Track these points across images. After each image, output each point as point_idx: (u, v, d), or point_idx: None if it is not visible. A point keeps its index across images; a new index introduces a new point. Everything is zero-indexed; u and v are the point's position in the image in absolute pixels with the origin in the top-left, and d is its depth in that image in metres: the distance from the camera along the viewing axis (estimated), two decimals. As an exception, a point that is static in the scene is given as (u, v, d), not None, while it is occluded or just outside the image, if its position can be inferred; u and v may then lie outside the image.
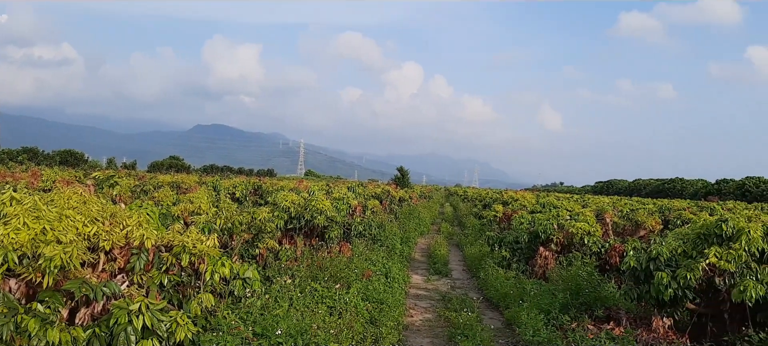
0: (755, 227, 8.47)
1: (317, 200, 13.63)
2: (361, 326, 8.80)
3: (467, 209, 40.31)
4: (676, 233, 9.65)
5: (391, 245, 17.58)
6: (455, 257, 20.64)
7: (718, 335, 8.87)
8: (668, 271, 8.69)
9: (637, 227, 16.55)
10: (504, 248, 16.00)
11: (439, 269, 17.21)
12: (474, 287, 15.16)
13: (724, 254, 8.36)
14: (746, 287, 7.74)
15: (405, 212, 28.70)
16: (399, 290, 12.49)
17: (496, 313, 12.20)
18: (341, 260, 12.01)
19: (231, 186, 21.73)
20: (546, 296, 11.45)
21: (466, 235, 25.05)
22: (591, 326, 9.75)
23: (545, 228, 14.63)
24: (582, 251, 13.79)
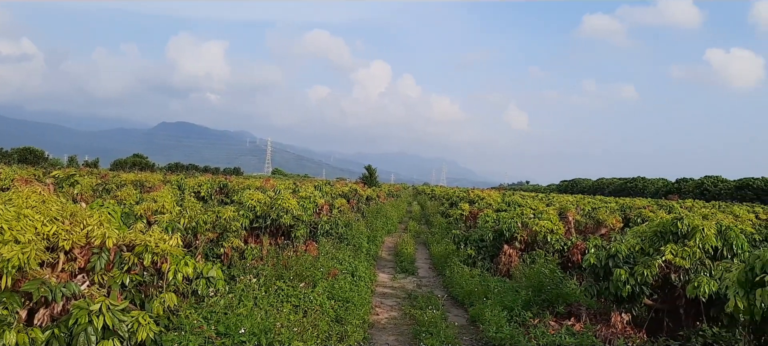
0: (709, 225, 8.77)
1: (283, 199, 13.60)
2: (326, 324, 8.83)
3: (434, 207, 40.55)
4: (635, 231, 9.92)
5: (357, 243, 17.62)
6: (422, 256, 20.77)
7: (674, 329, 9.14)
8: (626, 268, 8.94)
9: (598, 225, 16.91)
10: (469, 246, 16.19)
11: (406, 267, 17.30)
12: (440, 285, 15.29)
13: (679, 251, 8.64)
14: (700, 283, 7.99)
15: (372, 211, 28.77)
16: (365, 289, 12.54)
17: (461, 310, 12.34)
18: (307, 258, 12.01)
19: (196, 185, 21.52)
20: (509, 293, 11.64)
21: (433, 233, 25.22)
22: (553, 322, 9.96)
23: (510, 226, 14.86)
24: (545, 248, 14.05)
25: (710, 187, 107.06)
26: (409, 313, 11.45)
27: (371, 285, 13.76)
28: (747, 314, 5.35)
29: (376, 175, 51.78)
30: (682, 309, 9.14)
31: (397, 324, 10.86)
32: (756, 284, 5.30)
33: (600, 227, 16.73)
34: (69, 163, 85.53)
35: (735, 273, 5.65)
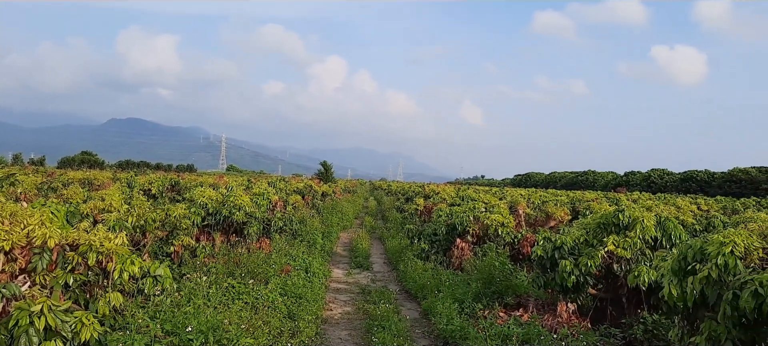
0: (649, 217, 9.11)
1: (236, 196, 13.48)
2: (278, 320, 8.82)
3: (390, 202, 40.76)
4: (580, 223, 10.23)
5: (312, 239, 17.60)
6: (377, 251, 20.89)
7: (617, 317, 9.48)
8: (571, 259, 9.21)
9: (547, 218, 17.32)
10: (423, 240, 16.38)
11: (361, 262, 17.38)
12: (394, 279, 15.43)
13: (621, 242, 8.96)
14: (640, 272, 8.30)
15: (328, 207, 28.73)
16: (319, 285, 12.56)
17: (414, 304, 12.49)
18: (260, 255, 11.95)
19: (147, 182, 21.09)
20: (461, 285, 11.84)
21: (388, 228, 25.37)
22: (502, 313, 10.19)
23: (462, 220, 15.09)
24: (496, 241, 14.32)
25: (657, 179, 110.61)
26: (363, 308, 11.53)
27: (325, 281, 13.79)
28: (680, 301, 5.59)
29: (332, 171, 51.71)
30: (625, 298, 9.49)
31: (351, 319, 10.93)
32: (688, 272, 5.55)
33: (549, 220, 17.14)
34: (13, 161, 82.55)
35: (669, 262, 5.91)
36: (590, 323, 9.44)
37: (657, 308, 8.78)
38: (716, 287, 5.20)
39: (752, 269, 5.06)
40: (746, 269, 5.07)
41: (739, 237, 5.27)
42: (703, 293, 5.31)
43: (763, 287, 4.48)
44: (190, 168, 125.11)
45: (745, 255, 5.24)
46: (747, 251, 5.25)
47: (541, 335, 8.15)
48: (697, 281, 5.32)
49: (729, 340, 5.02)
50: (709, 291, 5.25)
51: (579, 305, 9.94)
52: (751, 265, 5.14)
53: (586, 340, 8.00)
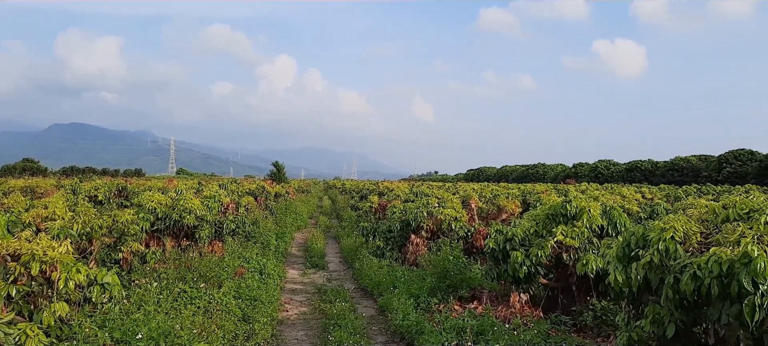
0: (595, 206, 9.38)
1: (185, 200, 13.24)
2: (232, 324, 8.71)
3: (345, 201, 40.70)
4: (530, 215, 10.45)
5: (266, 241, 17.44)
6: (332, 250, 20.85)
7: (568, 305, 9.73)
8: (522, 250, 9.40)
9: (499, 211, 17.60)
10: (378, 237, 16.42)
11: (316, 262, 17.32)
12: (350, 277, 15.43)
13: (569, 231, 9.20)
14: (588, 260, 8.53)
15: (281, 208, 28.49)
16: (274, 286, 12.46)
17: (371, 301, 12.52)
18: (212, 259, 11.77)
19: (92, 188, 20.50)
20: (416, 281, 11.94)
21: (343, 227, 25.34)
22: (457, 306, 10.32)
23: (416, 216, 15.20)
24: (450, 236, 14.49)
25: (603, 170, 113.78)
26: (319, 307, 11.50)
27: (280, 282, 13.69)
28: (625, 286, 5.78)
29: (284, 171, 51.30)
30: (575, 286, 9.74)
31: (307, 319, 10.89)
32: (632, 259, 5.75)
33: (501, 213, 17.43)
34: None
35: (614, 249, 6.10)
36: (542, 311, 9.66)
37: (605, 294, 9.05)
38: (658, 271, 5.39)
39: (691, 252, 5.28)
40: (686, 253, 5.28)
41: (678, 223, 5.48)
42: (647, 278, 5.50)
43: (701, 270, 4.68)
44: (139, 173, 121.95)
45: (684, 240, 5.45)
46: (686, 236, 5.47)
47: (494, 326, 8.30)
48: (640, 266, 5.50)
49: (672, 322, 5.22)
50: (651, 276, 5.45)
51: (531, 294, 10.17)
52: (690, 249, 5.35)
53: (538, 328, 8.18)
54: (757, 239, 4.76)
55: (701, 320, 5.21)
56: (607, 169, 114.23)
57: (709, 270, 4.62)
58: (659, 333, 5.33)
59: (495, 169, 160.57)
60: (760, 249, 4.48)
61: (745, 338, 4.59)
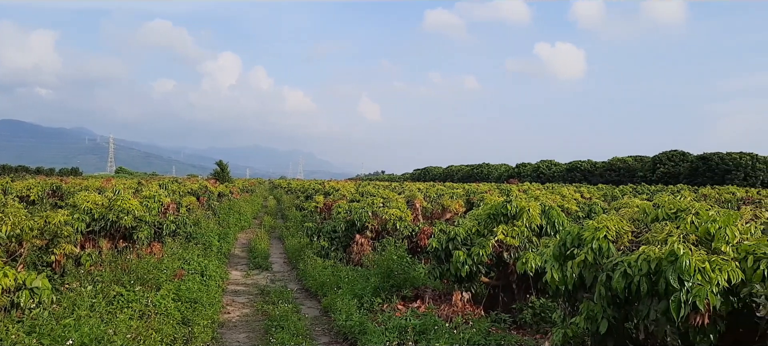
0: (534, 206, 9.60)
1: (123, 200, 12.83)
2: (171, 327, 8.49)
3: (290, 201, 40.34)
4: (472, 215, 10.60)
5: (208, 242, 17.10)
6: (277, 250, 20.62)
7: (509, 303, 9.92)
8: (464, 249, 9.53)
9: (443, 211, 17.81)
10: (323, 237, 16.34)
11: (260, 263, 17.09)
12: (294, 278, 15.30)
13: (509, 231, 9.38)
14: (528, 259, 8.71)
15: (225, 208, 28.01)
16: (216, 288, 12.24)
17: (315, 302, 12.45)
18: (150, 261, 11.44)
19: (24, 188, 19.67)
20: (360, 281, 11.94)
21: (288, 227, 25.10)
22: (400, 305, 10.38)
23: (361, 216, 15.21)
24: (395, 235, 14.57)
25: (545, 170, 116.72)
26: (262, 308, 11.35)
27: (222, 283, 13.44)
28: (562, 284, 5.93)
29: (228, 170, 50.45)
30: (515, 284, 9.94)
31: (249, 321, 10.73)
32: (567, 257, 5.89)
33: (445, 212, 17.63)
34: None
35: (551, 248, 6.25)
36: (483, 310, 9.81)
37: (544, 292, 9.26)
38: (592, 269, 5.55)
39: (623, 251, 5.45)
40: (618, 252, 5.45)
41: (611, 222, 5.65)
42: (582, 276, 5.65)
43: (631, 268, 4.84)
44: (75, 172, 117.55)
45: (616, 239, 5.63)
46: (618, 235, 5.65)
47: (436, 325, 8.38)
48: (575, 265, 5.65)
49: (605, 318, 5.37)
50: (586, 274, 5.60)
51: (473, 293, 10.31)
52: (622, 248, 5.53)
53: (478, 326, 8.30)
54: (683, 238, 4.96)
55: (632, 317, 5.38)
56: (548, 169, 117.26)
57: (638, 268, 4.78)
58: (593, 329, 5.48)
59: (441, 169, 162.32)
60: (686, 247, 4.66)
61: (671, 333, 4.77)
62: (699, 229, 5.08)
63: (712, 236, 4.96)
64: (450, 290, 10.59)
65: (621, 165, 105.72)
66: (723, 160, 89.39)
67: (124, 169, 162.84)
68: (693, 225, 5.15)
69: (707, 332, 4.65)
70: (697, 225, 5.13)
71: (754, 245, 4.77)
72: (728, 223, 4.97)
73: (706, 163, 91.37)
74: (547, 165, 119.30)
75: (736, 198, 23.07)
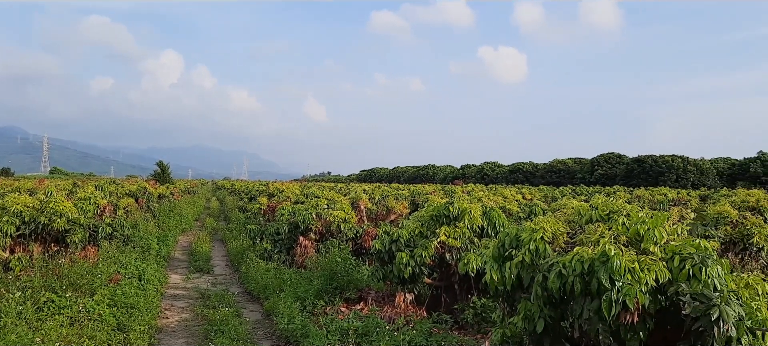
0: (476, 208, 9.74)
1: (56, 202, 12.34)
2: (105, 334, 8.21)
3: (233, 202, 39.69)
4: (415, 216, 10.67)
5: (146, 245, 16.61)
6: (219, 253, 20.24)
7: (451, 303, 10.03)
8: (408, 251, 9.58)
9: (388, 212, 17.88)
10: (266, 240, 16.13)
11: (201, 266, 16.74)
12: (236, 281, 15.05)
13: (451, 232, 9.49)
14: (469, 260, 8.82)
15: (165, 210, 27.30)
16: (154, 292, 11.90)
17: (257, 305, 12.27)
18: (84, 265, 11.03)
19: (-53, 190, 18.66)
20: (304, 283, 11.84)
21: (230, 229, 24.66)
22: (343, 308, 10.35)
23: (305, 218, 15.09)
24: (339, 237, 14.53)
25: (489, 172, 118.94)
26: (202, 313, 11.12)
27: (161, 288, 13.09)
28: (500, 285, 6.03)
29: (169, 171, 49.25)
30: (457, 285, 10.06)
31: (188, 326, 10.49)
32: (506, 258, 6.00)
33: (390, 214, 17.71)
34: None
35: (491, 249, 6.35)
36: (426, 310, 9.89)
37: (485, 292, 9.40)
38: (529, 270, 5.67)
39: (558, 252, 5.60)
40: (554, 253, 5.59)
41: (547, 224, 5.79)
42: (519, 277, 5.76)
43: (566, 268, 4.97)
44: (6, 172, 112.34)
45: (552, 240, 5.77)
46: (554, 236, 5.79)
47: (378, 327, 8.40)
48: (513, 265, 5.75)
49: (541, 318, 5.50)
50: (523, 274, 5.71)
51: (416, 294, 10.39)
52: (558, 248, 5.68)
53: (420, 327, 8.37)
54: (614, 239, 5.13)
55: (567, 316, 5.53)
56: (492, 170, 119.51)
57: (572, 269, 4.92)
58: (530, 329, 5.60)
59: (387, 170, 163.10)
60: (617, 248, 4.83)
61: (603, 331, 4.92)
62: (629, 230, 5.27)
63: (641, 237, 5.15)
64: (393, 292, 10.63)
65: (561, 167, 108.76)
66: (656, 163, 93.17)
67: (59, 170, 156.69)
68: (624, 226, 5.34)
69: (637, 329, 4.82)
70: (628, 226, 5.32)
71: (680, 246, 4.97)
72: (656, 224, 5.17)
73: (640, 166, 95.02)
74: (491, 166, 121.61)
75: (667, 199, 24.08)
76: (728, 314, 4.36)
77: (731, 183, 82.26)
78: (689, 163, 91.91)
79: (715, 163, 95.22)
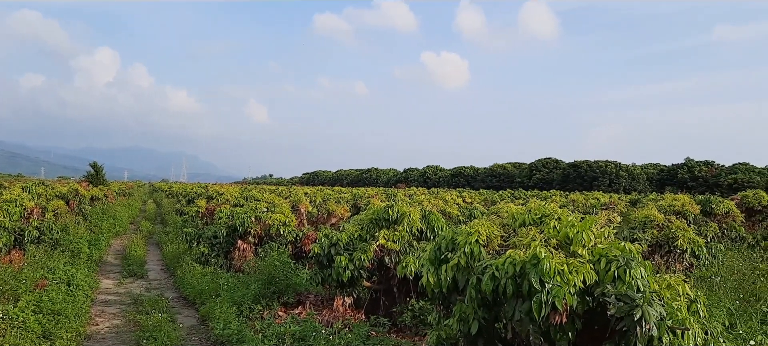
0: (415, 211, 9.82)
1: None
2: (29, 342, 7.86)
3: (171, 205, 38.69)
4: (355, 220, 10.66)
5: (77, 249, 15.98)
6: (154, 257, 19.68)
7: (390, 306, 10.08)
8: (347, 254, 9.57)
9: (329, 215, 17.81)
10: (203, 243, 15.79)
11: (135, 270, 16.23)
12: (171, 286, 14.65)
13: (390, 235, 9.53)
14: (408, 263, 8.91)
15: (97, 212, 26.33)
16: (83, 298, 11.46)
17: (193, 310, 11.99)
18: (7, 270, 10.52)
19: None
20: (241, 287, 11.65)
21: (167, 233, 24.02)
22: (281, 312, 10.24)
23: (243, 221, 14.86)
24: (279, 241, 14.37)
25: (431, 175, 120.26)
26: (134, 319, 10.76)
27: (92, 293, 12.61)
28: (437, 287, 6.08)
29: (103, 172, 47.56)
30: (396, 288, 10.10)
31: (119, 332, 10.14)
32: (442, 261, 6.07)
33: (331, 217, 17.64)
34: None
35: (428, 252, 6.41)
36: (365, 314, 9.90)
37: (424, 295, 9.49)
38: (465, 273, 5.74)
39: (492, 254, 5.70)
40: (488, 255, 5.69)
41: (482, 227, 5.89)
42: (455, 279, 5.83)
43: (499, 271, 5.07)
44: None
45: (487, 243, 5.87)
46: (489, 239, 5.90)
47: (315, 331, 8.34)
48: (449, 268, 5.82)
49: (476, 319, 5.58)
50: (459, 277, 5.79)
51: (356, 297, 10.38)
52: (492, 251, 5.78)
53: (358, 331, 8.37)
54: (545, 242, 5.27)
55: (501, 317, 5.64)
56: (434, 174, 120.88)
57: (505, 271, 5.02)
58: (465, 330, 5.68)
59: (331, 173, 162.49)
60: (547, 251, 4.96)
61: (534, 332, 5.05)
62: (560, 233, 5.42)
63: (571, 240, 5.31)
64: (332, 296, 10.58)
65: (501, 171, 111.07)
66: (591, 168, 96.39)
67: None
68: (555, 230, 5.49)
69: (566, 330, 4.97)
70: (559, 230, 5.47)
71: (606, 248, 5.15)
72: (585, 228, 5.34)
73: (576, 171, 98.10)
74: (434, 170, 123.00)
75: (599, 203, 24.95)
76: (650, 314, 4.55)
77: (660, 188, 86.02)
78: (621, 169, 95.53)
79: (645, 169, 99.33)
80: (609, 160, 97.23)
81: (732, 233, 17.67)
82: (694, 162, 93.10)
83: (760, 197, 24.47)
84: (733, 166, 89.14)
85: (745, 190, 25.86)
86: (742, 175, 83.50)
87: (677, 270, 10.45)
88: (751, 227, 21.34)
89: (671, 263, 11.10)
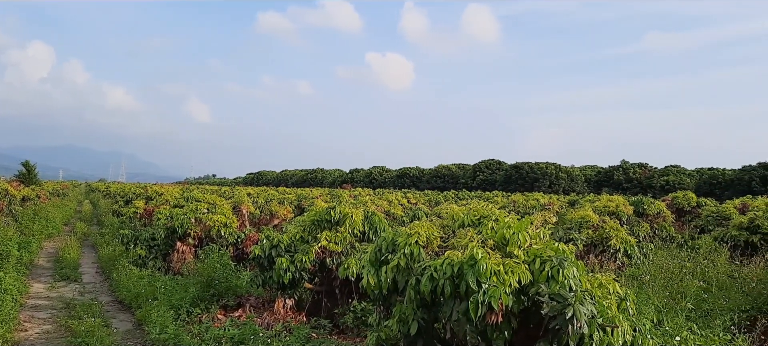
0: (357, 213, 9.83)
1: None
2: (-52, 352, 7.45)
3: (108, 206, 37.45)
4: (297, 221, 10.59)
5: (5, 251, 15.26)
6: (89, 260, 18.99)
7: (332, 308, 10.05)
8: (288, 256, 9.49)
9: (272, 217, 17.63)
10: (140, 245, 15.33)
11: (68, 273, 15.62)
12: (106, 290, 14.16)
13: (332, 237, 9.52)
14: (350, 264, 8.90)
15: (29, 213, 25.25)
16: (11, 303, 10.93)
17: (128, 314, 11.63)
18: (-74, 275, 9.96)
19: None
20: (179, 290, 11.38)
21: (103, 234, 23.22)
22: (220, 315, 10.05)
23: (183, 223, 14.50)
24: (219, 242, 14.11)
25: (377, 176, 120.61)
26: (66, 324, 10.35)
27: (21, 298, 12.07)
28: (377, 289, 6.11)
29: (36, 171, 45.58)
30: (338, 289, 10.08)
31: (50, 338, 9.73)
32: (383, 262, 6.10)
33: (273, 219, 17.46)
34: None
35: (368, 254, 6.43)
36: (307, 316, 9.84)
37: (366, 296, 9.51)
38: (405, 274, 5.79)
39: (432, 256, 5.76)
40: (428, 256, 5.75)
41: (422, 228, 5.95)
42: (395, 280, 5.87)
43: (437, 272, 5.12)
44: None
45: (427, 244, 5.93)
46: (429, 240, 5.96)
47: (255, 334, 8.23)
48: (389, 269, 5.85)
49: (415, 320, 5.63)
50: (399, 278, 5.82)
51: (297, 299, 10.30)
52: (431, 252, 5.84)
53: (299, 333, 8.31)
54: (483, 243, 5.36)
55: (439, 318, 5.71)
56: (380, 175, 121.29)
57: (443, 272, 5.08)
58: (404, 331, 5.72)
59: (275, 173, 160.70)
60: (484, 252, 5.05)
61: (471, 332, 5.12)
62: (497, 234, 5.52)
63: (507, 241, 5.41)
64: (274, 298, 10.47)
65: (446, 172, 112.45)
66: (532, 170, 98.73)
67: None
68: (492, 230, 5.59)
69: (502, 329, 5.07)
70: (496, 230, 5.57)
71: (541, 249, 5.29)
72: (521, 228, 5.46)
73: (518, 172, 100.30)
74: (379, 171, 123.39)
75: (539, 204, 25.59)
76: (581, 313, 4.69)
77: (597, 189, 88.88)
78: (561, 171, 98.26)
79: (583, 171, 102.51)
80: (549, 162, 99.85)
81: (663, 233, 18.42)
82: (629, 164, 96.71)
83: (689, 198, 25.64)
84: (666, 168, 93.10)
85: (675, 191, 27.04)
86: (673, 177, 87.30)
87: (610, 269, 10.81)
88: (680, 226, 22.33)
89: (605, 263, 11.48)
